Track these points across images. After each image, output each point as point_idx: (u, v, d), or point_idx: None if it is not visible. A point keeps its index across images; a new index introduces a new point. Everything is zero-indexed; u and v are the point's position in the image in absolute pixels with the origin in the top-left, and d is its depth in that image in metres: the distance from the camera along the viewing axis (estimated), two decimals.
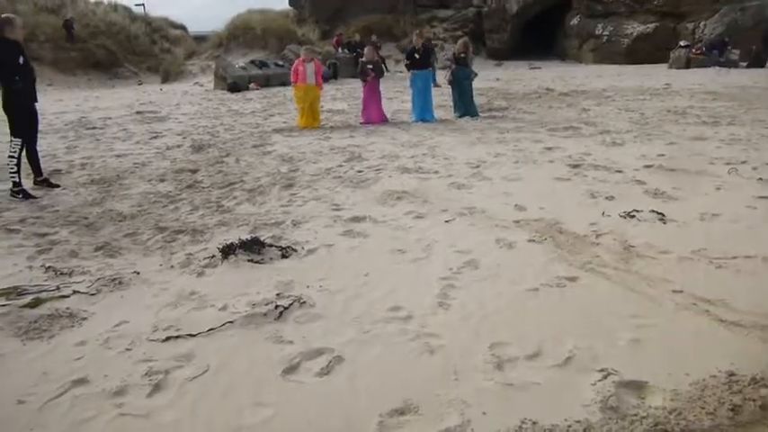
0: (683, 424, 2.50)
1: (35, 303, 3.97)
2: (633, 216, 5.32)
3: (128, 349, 3.36)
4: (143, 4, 37.29)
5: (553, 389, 2.81)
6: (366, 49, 13.33)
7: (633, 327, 3.36)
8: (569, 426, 2.52)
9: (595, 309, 3.62)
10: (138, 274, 4.49)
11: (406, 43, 31.39)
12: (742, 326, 3.31)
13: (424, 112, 12.30)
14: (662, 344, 3.17)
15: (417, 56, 12.36)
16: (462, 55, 12.59)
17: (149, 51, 32.03)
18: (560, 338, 3.26)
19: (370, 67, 12.38)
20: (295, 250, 4.85)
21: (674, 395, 2.70)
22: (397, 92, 17.65)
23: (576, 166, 7.41)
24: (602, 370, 2.92)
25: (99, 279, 4.37)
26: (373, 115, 12.28)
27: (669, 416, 2.56)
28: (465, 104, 12.54)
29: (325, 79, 23.14)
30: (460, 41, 13.22)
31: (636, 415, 2.58)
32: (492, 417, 2.61)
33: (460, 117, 12.35)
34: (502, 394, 2.78)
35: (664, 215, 5.30)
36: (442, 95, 13.67)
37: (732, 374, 2.83)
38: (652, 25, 26.82)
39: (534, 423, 2.55)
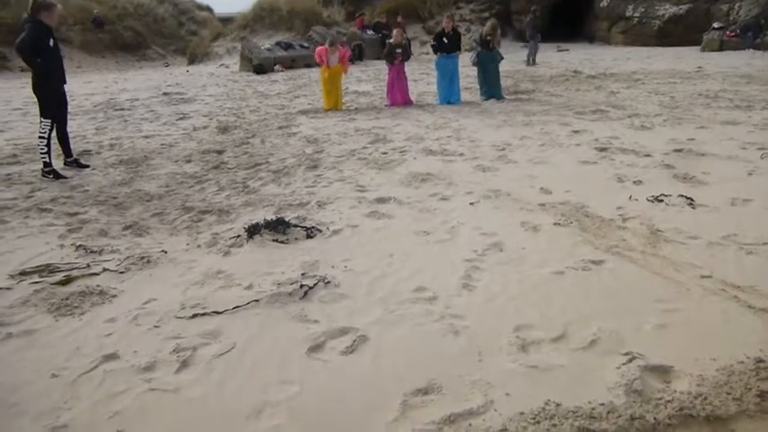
0: (709, 409, 2.48)
1: (67, 281, 4.06)
2: (661, 200, 5.25)
3: (156, 326, 3.42)
4: None
5: (577, 371, 2.81)
6: (394, 32, 12.88)
7: (660, 311, 3.33)
8: (593, 408, 2.52)
9: (621, 292, 3.59)
10: (166, 252, 4.55)
11: (432, 24, 31.18)
12: None
13: (449, 94, 12.16)
14: (689, 329, 3.14)
15: (446, 40, 12.07)
16: (489, 38, 12.31)
17: (176, 33, 32.30)
18: (585, 321, 3.24)
19: (399, 50, 12.17)
20: (320, 230, 4.88)
21: (700, 380, 2.67)
22: (422, 74, 17.55)
23: (603, 150, 7.32)
24: (627, 353, 2.90)
25: (128, 257, 4.45)
26: (398, 98, 12.23)
27: (695, 401, 2.53)
28: (490, 87, 12.40)
29: (351, 61, 23.14)
30: (489, 24, 12.88)
31: (661, 399, 2.56)
32: (516, 398, 2.62)
33: (486, 100, 12.24)
34: (526, 376, 2.78)
35: (693, 200, 5.22)
36: (467, 77, 13.53)
37: (760, 361, 2.79)
38: (685, 6, 26.17)
39: (558, 405, 2.55)
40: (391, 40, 12.64)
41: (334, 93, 12.10)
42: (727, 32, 23.04)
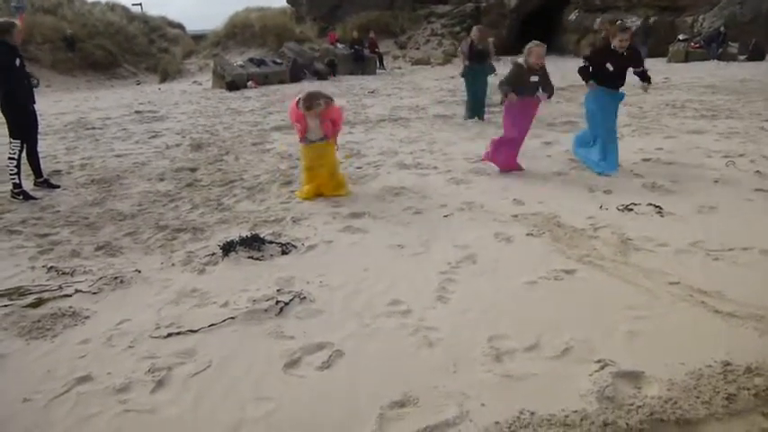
0: (679, 413, 2.54)
1: (38, 303, 4.00)
2: (631, 209, 5.36)
3: (130, 347, 3.39)
4: (140, 4, 37.20)
5: (551, 380, 2.85)
6: (534, 50, 6.79)
7: (630, 318, 3.40)
8: (566, 416, 2.56)
9: (593, 301, 3.65)
10: (140, 272, 4.52)
11: (404, 39, 31.43)
12: (737, 317, 3.34)
13: (608, 162, 6.89)
14: (658, 335, 3.21)
15: (611, 67, 6.90)
16: (480, 47, 11.53)
17: (147, 51, 32.02)
18: (558, 330, 3.30)
19: (535, 80, 6.88)
20: (295, 246, 4.88)
21: (670, 385, 2.74)
22: (395, 88, 17.69)
23: (574, 160, 7.44)
24: (599, 361, 2.96)
25: (101, 278, 4.40)
26: (505, 156, 7.14)
27: (665, 405, 2.59)
28: (476, 105, 11.63)
29: (323, 76, 23.08)
30: (476, 29, 12.03)
31: (632, 404, 2.61)
32: (490, 407, 2.65)
33: (469, 119, 11.29)
34: (500, 385, 2.82)
35: (661, 208, 5.33)
36: (440, 90, 13.62)
37: (727, 364, 2.87)
38: (651, 19, 26.82)
39: (532, 413, 2.58)
40: (520, 60, 7.00)
41: (324, 171, 6.43)
42: (692, 43, 23.63)
